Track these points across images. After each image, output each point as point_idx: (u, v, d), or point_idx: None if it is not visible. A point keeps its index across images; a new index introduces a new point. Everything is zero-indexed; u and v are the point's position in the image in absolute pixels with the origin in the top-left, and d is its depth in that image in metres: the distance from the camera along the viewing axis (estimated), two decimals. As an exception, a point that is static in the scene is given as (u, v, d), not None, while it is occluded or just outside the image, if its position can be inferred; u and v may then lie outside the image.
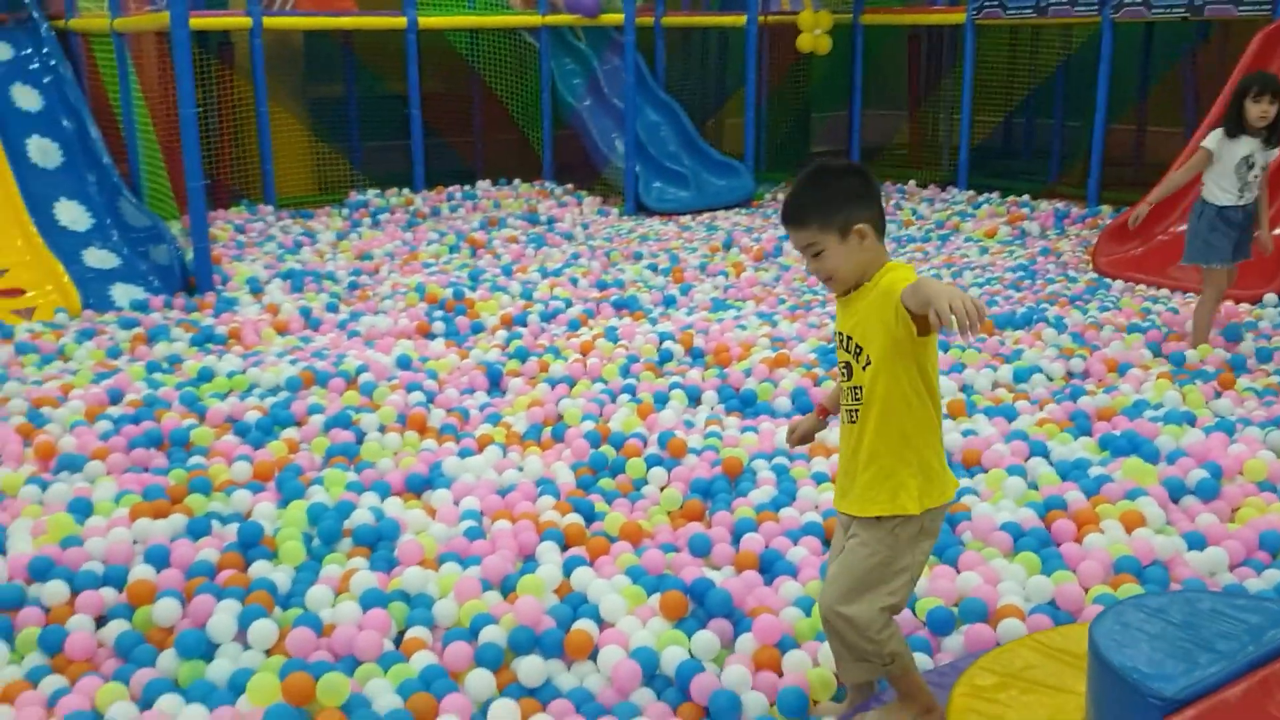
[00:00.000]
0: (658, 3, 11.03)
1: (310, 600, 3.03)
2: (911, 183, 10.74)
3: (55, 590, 3.08)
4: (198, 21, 8.50)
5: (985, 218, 9.21)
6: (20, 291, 6.49)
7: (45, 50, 8.33)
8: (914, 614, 3.01)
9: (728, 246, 8.30)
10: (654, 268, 7.50)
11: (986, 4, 9.83)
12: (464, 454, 4.15)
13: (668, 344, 5.46)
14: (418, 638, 2.89)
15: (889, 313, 2.23)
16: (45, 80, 8.18)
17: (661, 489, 3.91)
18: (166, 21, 6.43)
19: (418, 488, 3.88)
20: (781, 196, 10.56)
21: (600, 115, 10.53)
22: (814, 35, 10.67)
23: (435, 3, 9.99)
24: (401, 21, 9.52)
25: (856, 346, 2.35)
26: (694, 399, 4.88)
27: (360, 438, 4.31)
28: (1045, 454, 4.03)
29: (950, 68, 11.28)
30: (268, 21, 8.90)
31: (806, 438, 2.81)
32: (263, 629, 2.85)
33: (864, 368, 2.33)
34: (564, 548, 3.41)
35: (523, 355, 5.34)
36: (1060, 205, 9.42)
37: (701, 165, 10.62)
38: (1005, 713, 2.18)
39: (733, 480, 3.99)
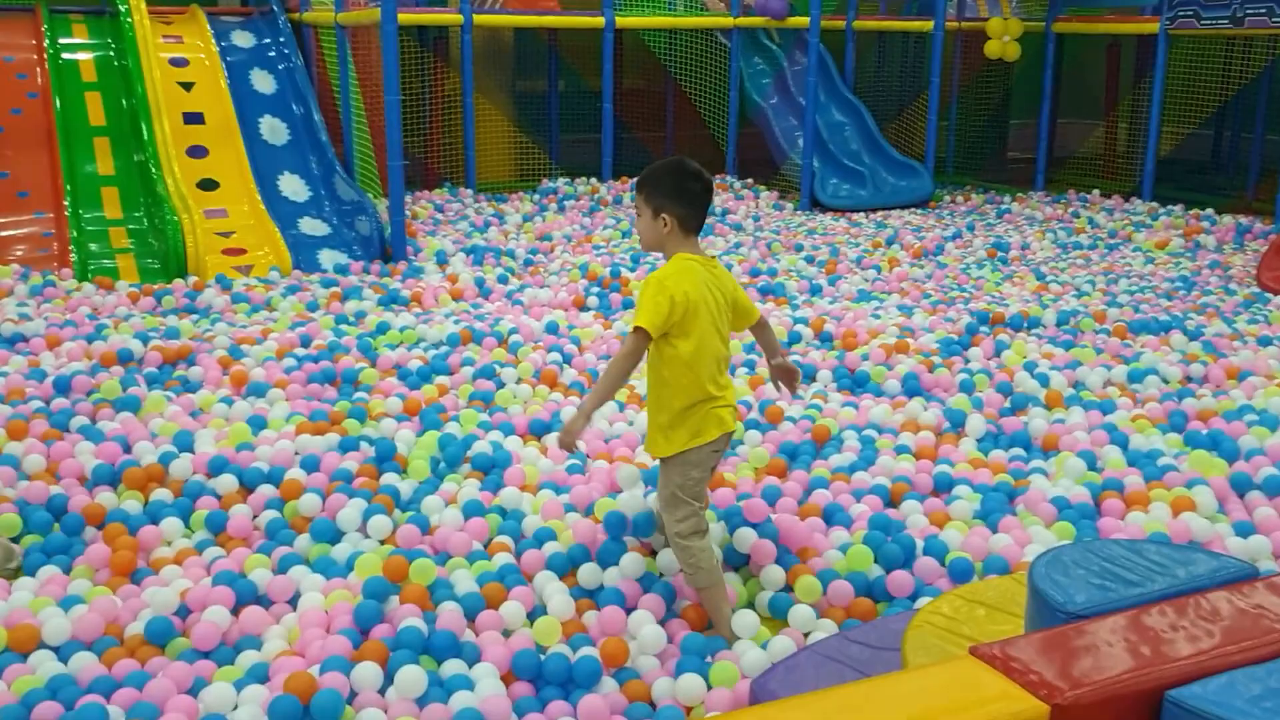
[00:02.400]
0: (849, 6, 11.30)
1: (424, 506, 3.60)
2: (1095, 192, 10.62)
3: (226, 482, 3.77)
4: (411, 17, 9.39)
5: (1161, 229, 9.08)
6: (243, 251, 7.43)
7: (281, 40, 9.37)
8: (940, 563, 3.32)
9: (890, 243, 8.53)
10: (810, 259, 7.84)
11: (1181, 13, 9.64)
12: (583, 406, 4.66)
13: (799, 327, 5.81)
14: (503, 543, 3.40)
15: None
16: (280, 67, 9.20)
17: (753, 449, 4.30)
18: (379, 16, 7.22)
19: (539, 430, 4.41)
20: (961, 199, 10.74)
21: (785, 113, 10.90)
22: (1002, 42, 10.69)
23: (634, 3, 10.59)
24: (600, 21, 10.15)
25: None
26: (809, 376, 5.23)
27: (499, 387, 4.88)
28: (1123, 444, 4.20)
29: (1146, 77, 11.06)
30: (477, 18, 9.69)
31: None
32: (380, 523, 3.45)
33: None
34: (647, 484, 3.86)
35: (660, 328, 5.80)
36: (1245, 220, 9.17)
37: (881, 165, 10.83)
38: (958, 625, 2.50)
39: (819, 445, 4.35)
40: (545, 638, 2.98)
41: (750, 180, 10.78)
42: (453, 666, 2.81)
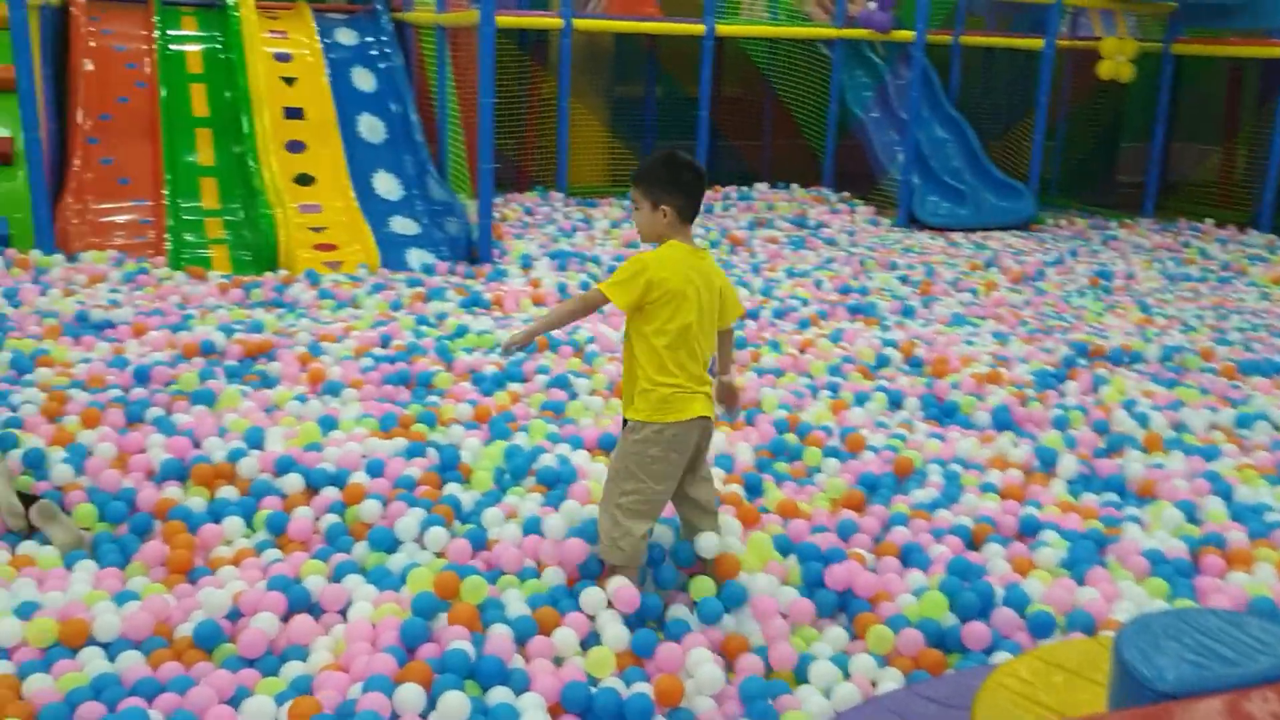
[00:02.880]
0: (956, 21, 11.02)
1: (484, 519, 3.52)
2: (1208, 221, 10.17)
3: (292, 483, 3.73)
4: (511, 20, 9.39)
5: (1279, 264, 8.64)
6: (334, 247, 7.47)
7: (384, 39, 9.44)
8: (1020, 615, 3.12)
9: (988, 266, 8.27)
10: (904, 278, 7.62)
11: (1310, 36, 9.18)
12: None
13: (888, 350, 5.62)
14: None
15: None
16: (381, 66, 9.27)
17: (831, 478, 4.14)
18: (478, 18, 7.20)
19: (608, 445, 4.30)
20: (1064, 223, 10.38)
21: (885, 127, 10.66)
22: (1116, 62, 10.30)
23: (736, 11, 10.46)
24: (700, 28, 10.03)
25: None
26: (895, 403, 5.04)
27: (571, 398, 4.79)
28: (1227, 495, 3.95)
29: (1269, 102, 10.57)
30: (577, 23, 9.66)
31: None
32: (437, 535, 3.37)
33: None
34: (718, 504, 3.72)
35: (740, 344, 5.66)
36: (1375, 259, 8.69)
37: (983, 184, 10.53)
38: (1034, 691, 2.32)
39: (901, 479, 4.16)
40: (598, 669, 2.86)
41: (846, 194, 10.56)
42: (499, 694, 2.71)
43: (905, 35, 10.18)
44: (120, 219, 7.45)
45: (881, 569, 3.41)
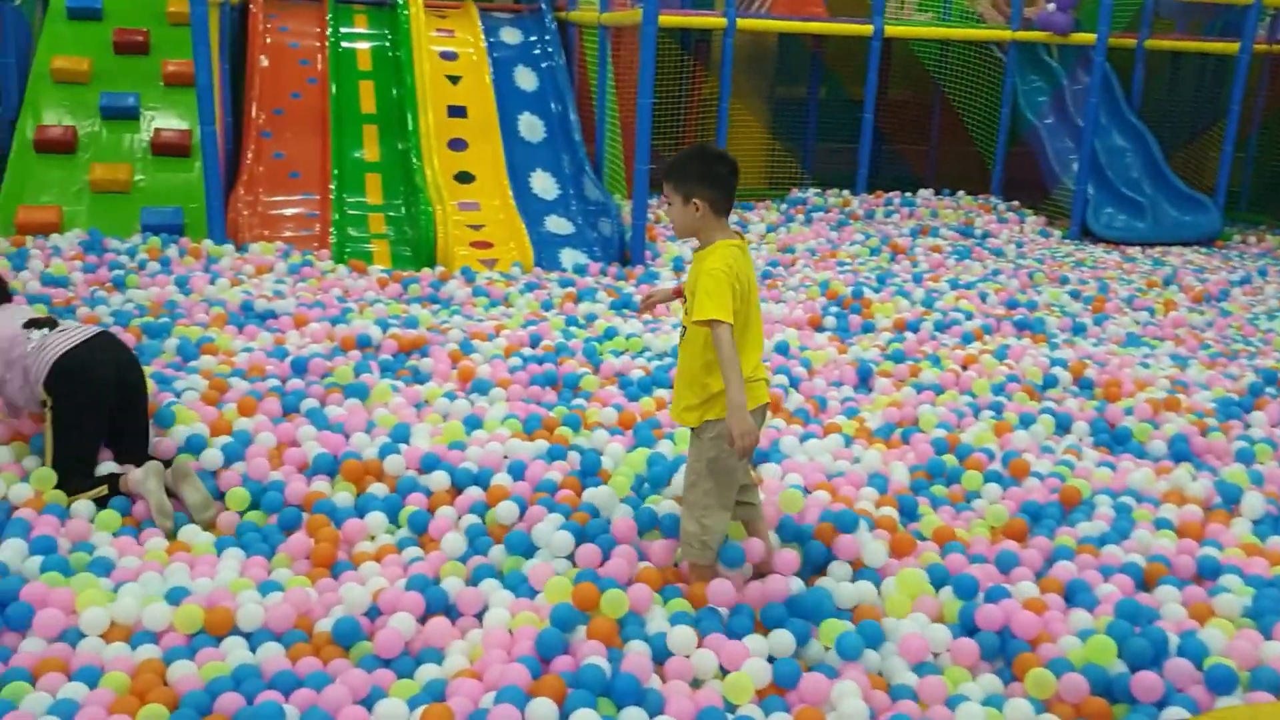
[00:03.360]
0: (1142, 24, 10.45)
1: (617, 528, 3.43)
2: None
3: (437, 480, 3.73)
4: (674, 19, 9.32)
5: None
6: (490, 245, 7.54)
7: (546, 38, 9.50)
8: (1196, 667, 2.86)
9: (1167, 283, 7.80)
10: (1075, 294, 7.24)
11: None
12: (807, 437, 4.38)
13: (1057, 370, 5.32)
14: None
15: (696, 298, 2.98)
16: (543, 65, 9.33)
17: (991, 504, 3.92)
18: (640, 17, 7.15)
19: (755, 458, 4.17)
20: (1254, 239, 9.72)
21: (1060, 134, 10.19)
22: (1320, 66, 9.59)
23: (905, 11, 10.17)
24: (868, 29, 9.78)
25: (686, 298, 3.10)
26: (1063, 427, 4.75)
27: (720, 407, 4.67)
28: None
29: None
30: (741, 23, 9.52)
31: (651, 304, 3.46)
32: (572, 542, 3.30)
33: (686, 313, 3.08)
34: (870, 528, 3.55)
35: (899, 358, 5.45)
36: None
37: (1164, 196, 9.96)
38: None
39: (1067, 509, 3.91)
40: (736, 695, 2.74)
41: (1016, 203, 10.14)
42: (632, 715, 2.62)
43: (1086, 38, 9.70)
44: (288, 212, 7.68)
45: (1046, 606, 3.18)
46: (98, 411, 3.67)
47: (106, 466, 3.72)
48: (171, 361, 4.76)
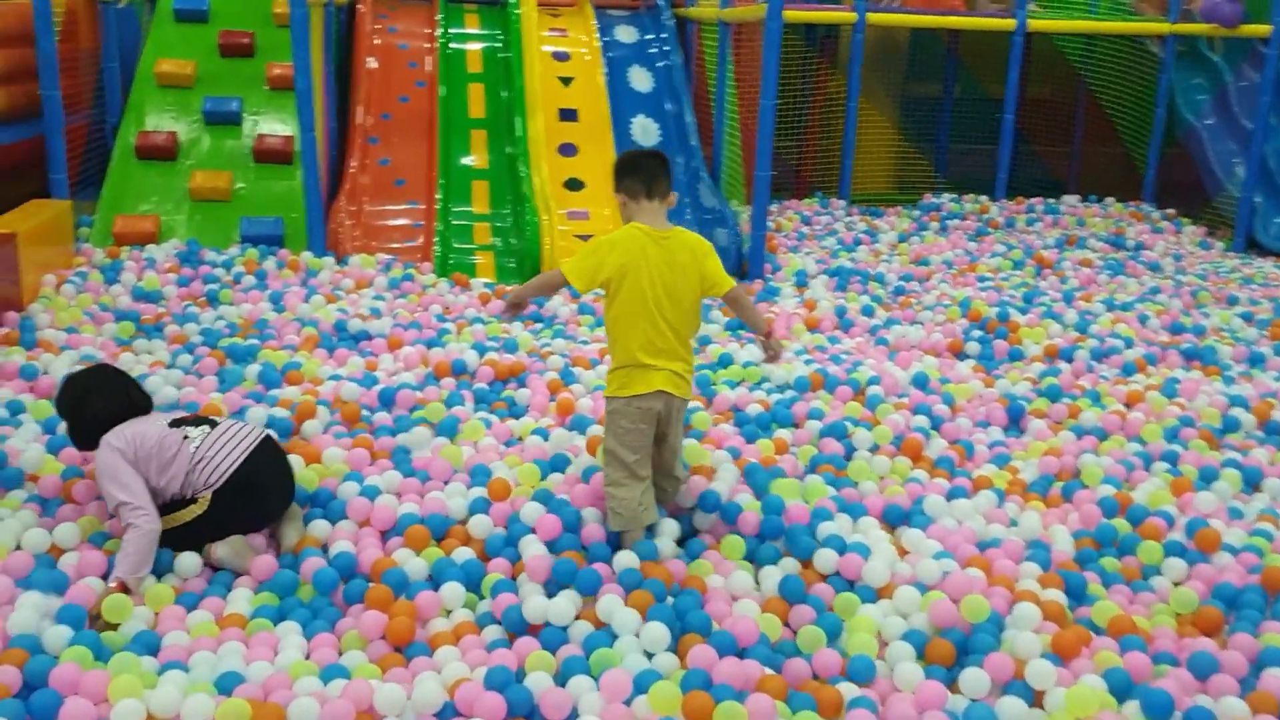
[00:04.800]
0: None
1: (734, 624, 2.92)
2: None
3: (528, 545, 3.27)
4: (800, 15, 8.74)
5: None
6: (599, 256, 7.08)
7: (663, 36, 9.02)
8: None
9: (1357, 306, 6.94)
10: (1248, 316, 6.45)
11: None
12: (954, 494, 3.81)
13: (1236, 410, 4.64)
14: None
15: None
16: (659, 64, 8.85)
17: (1176, 585, 3.31)
18: (764, 13, 6.62)
19: (894, 519, 3.62)
20: None
21: (1223, 136, 9.29)
22: None
23: (1050, 4, 9.41)
24: (1010, 23, 9.06)
25: None
26: (1251, 483, 4.08)
27: (849, 453, 4.13)
28: None
29: None
30: (872, 17, 8.90)
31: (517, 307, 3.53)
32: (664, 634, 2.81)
33: None
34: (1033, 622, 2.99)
35: (1054, 394, 4.82)
36: None
37: (1345, 205, 8.99)
38: None
39: (1272, 597, 3.27)
40: None
41: (1171, 211, 9.29)
42: None
43: (1257, 30, 8.80)
44: (393, 222, 7.35)
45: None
46: (246, 529, 3.31)
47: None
48: (253, 391, 4.41)
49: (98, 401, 3.32)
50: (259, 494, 3.29)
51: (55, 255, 5.86)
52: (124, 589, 3.00)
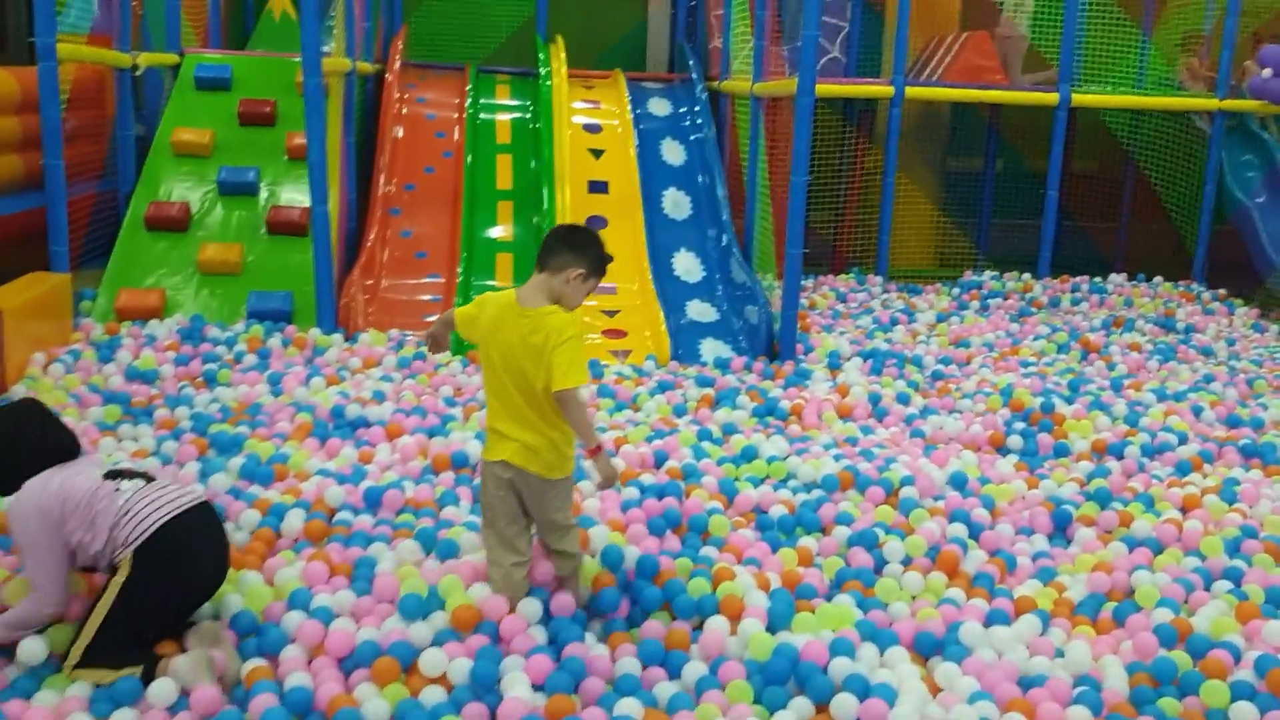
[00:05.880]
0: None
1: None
2: None
3: (512, 681, 2.93)
4: (835, 89, 8.52)
5: None
6: (623, 333, 6.81)
7: (696, 109, 8.82)
8: None
9: None
10: (1310, 410, 6.03)
11: None
12: (993, 618, 3.43)
13: (1306, 519, 4.23)
14: None
15: None
16: (691, 137, 8.65)
17: (1246, 735, 2.91)
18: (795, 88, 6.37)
19: (927, 650, 3.25)
20: None
21: (1275, 214, 8.90)
22: None
23: (1094, 79, 9.12)
24: (1053, 98, 8.77)
25: None
26: (1328, 615, 3.67)
27: (879, 566, 3.77)
28: None
29: None
30: (910, 91, 8.65)
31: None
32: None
33: None
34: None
35: (1104, 499, 4.43)
36: None
37: (1406, 288, 8.56)
38: None
39: (1358, 753, 2.86)
40: None
41: (1222, 291, 8.88)
42: None
43: (1313, 105, 8.47)
44: (410, 296, 7.12)
45: None
46: (181, 602, 3.05)
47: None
48: (232, 487, 4.11)
49: (20, 450, 3.01)
50: (188, 557, 2.98)
51: (50, 331, 5.66)
52: None
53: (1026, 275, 8.99)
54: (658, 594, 3.42)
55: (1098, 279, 9.04)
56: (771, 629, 3.25)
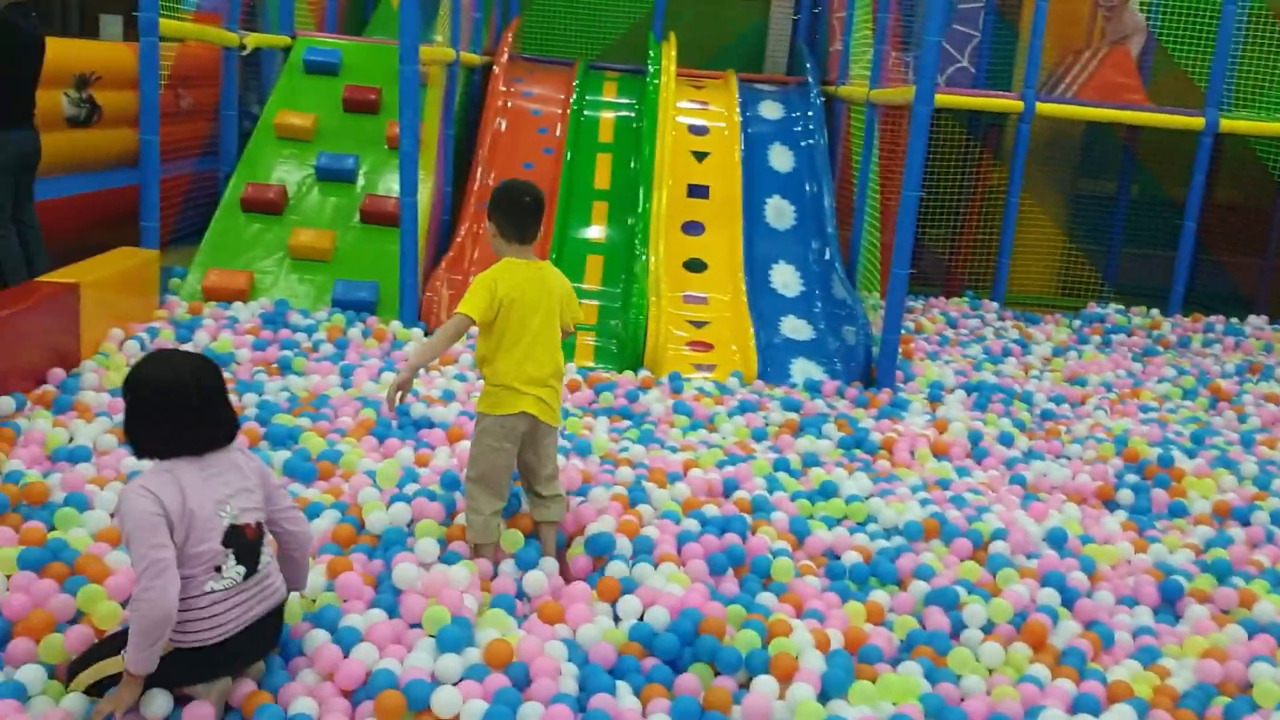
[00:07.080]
0: None
1: None
2: None
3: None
4: (960, 100, 8.05)
5: None
6: (709, 346, 6.50)
7: (810, 114, 8.45)
8: None
9: None
10: None
11: None
12: (1081, 704, 3.03)
13: None
14: None
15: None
16: (802, 144, 8.28)
17: None
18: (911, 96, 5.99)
19: (997, 732, 2.88)
20: None
21: None
22: None
23: (1245, 103, 8.46)
24: (1198, 122, 8.16)
25: None
26: None
27: (956, 630, 3.39)
28: None
29: None
30: (1041, 107, 8.14)
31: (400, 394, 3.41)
32: None
33: None
34: None
35: (1222, 571, 3.95)
36: None
37: None
38: None
39: None
40: None
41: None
42: None
43: None
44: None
45: None
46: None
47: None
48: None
49: (166, 421, 2.59)
50: (224, 662, 2.71)
51: (134, 307, 5.60)
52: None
53: (1155, 311, 8.38)
54: (705, 643, 3.11)
55: (1234, 320, 8.37)
56: (824, 697, 2.92)
